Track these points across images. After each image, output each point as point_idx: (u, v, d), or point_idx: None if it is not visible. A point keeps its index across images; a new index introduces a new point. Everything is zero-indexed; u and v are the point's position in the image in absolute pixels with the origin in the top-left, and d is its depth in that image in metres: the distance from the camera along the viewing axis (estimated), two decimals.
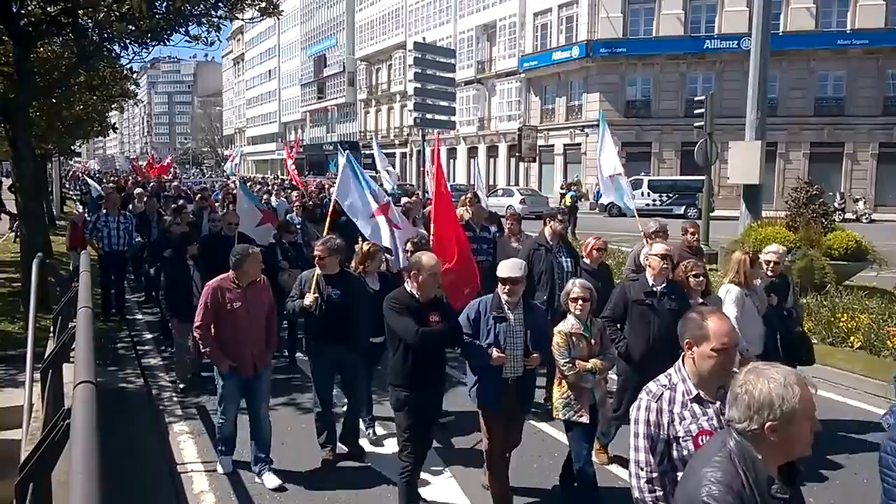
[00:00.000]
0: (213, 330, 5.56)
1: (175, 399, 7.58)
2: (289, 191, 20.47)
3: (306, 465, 5.93)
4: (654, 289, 5.58)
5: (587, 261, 6.99)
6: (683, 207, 31.78)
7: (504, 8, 44.75)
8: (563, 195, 25.70)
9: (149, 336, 10.26)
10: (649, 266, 5.64)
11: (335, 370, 6.01)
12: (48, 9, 10.00)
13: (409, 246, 6.78)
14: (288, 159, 19.50)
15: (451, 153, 51.52)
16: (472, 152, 49.26)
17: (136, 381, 8.02)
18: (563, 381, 4.92)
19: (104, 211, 11.11)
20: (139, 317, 11.55)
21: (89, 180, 23.67)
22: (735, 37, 34.81)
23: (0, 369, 7.65)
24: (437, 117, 21.57)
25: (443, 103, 21.70)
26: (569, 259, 7.08)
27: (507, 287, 4.77)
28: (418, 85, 21.30)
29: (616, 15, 38.02)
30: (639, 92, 39.14)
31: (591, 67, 39.05)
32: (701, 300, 5.60)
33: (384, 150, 58.65)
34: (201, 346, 5.62)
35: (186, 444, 6.38)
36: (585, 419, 4.85)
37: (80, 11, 9.77)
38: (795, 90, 36.07)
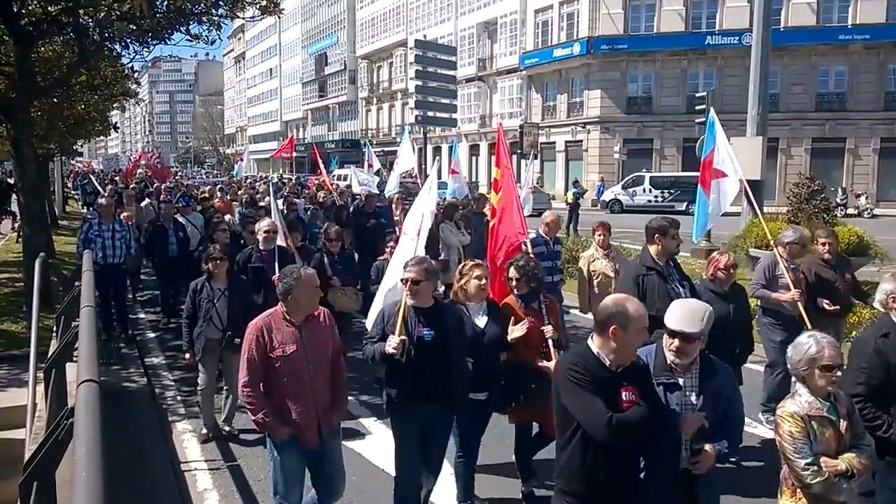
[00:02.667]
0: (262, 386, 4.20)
1: (178, 398, 7.59)
2: (305, 191, 19.83)
3: None
4: None
5: (710, 280, 5.71)
6: (685, 203, 31.74)
7: (505, 5, 44.66)
8: (576, 194, 25.10)
9: (152, 335, 10.28)
10: None
11: (422, 434, 4.58)
12: (49, 8, 9.99)
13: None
14: (319, 160, 18.66)
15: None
16: (474, 150, 49.27)
17: (140, 380, 8.03)
18: (800, 490, 3.34)
19: (96, 219, 9.90)
20: (141, 316, 11.56)
21: (94, 180, 22.77)
22: (736, 32, 34.80)
23: (3, 369, 7.67)
24: (438, 115, 21.59)
25: (444, 101, 21.72)
26: (684, 283, 5.49)
27: (678, 343, 3.39)
28: (419, 83, 21.29)
29: (617, 11, 37.95)
30: (640, 88, 39.07)
31: (592, 64, 38.98)
32: None
33: (385, 149, 58.68)
34: (251, 413, 4.18)
35: (190, 442, 6.40)
36: None
37: (81, 11, 9.76)
38: (796, 86, 36.00)
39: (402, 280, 4.56)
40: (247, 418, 6.00)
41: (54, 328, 7.21)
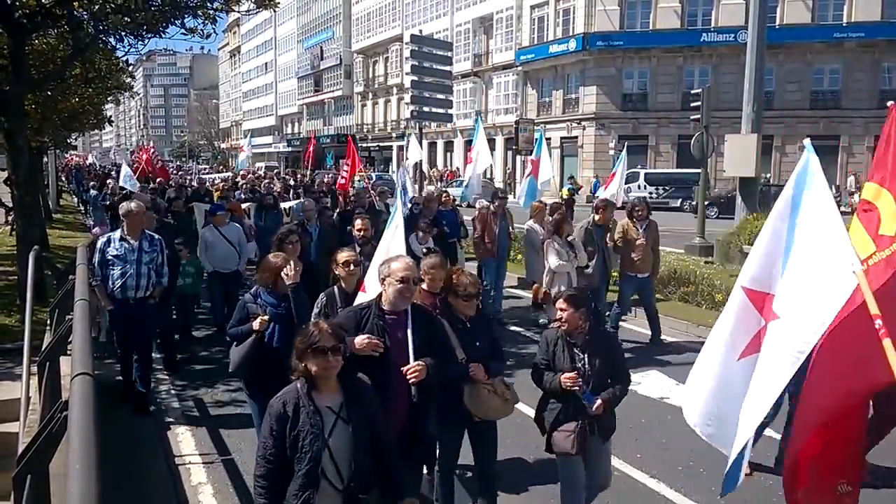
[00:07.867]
0: None
1: (173, 391, 7.60)
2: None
3: None
4: None
5: None
6: (679, 200, 31.86)
7: (501, 0, 44.59)
8: (571, 190, 25.13)
9: None
10: None
11: None
12: (43, 0, 9.95)
13: None
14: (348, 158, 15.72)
15: (448, 146, 51.50)
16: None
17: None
18: None
19: (118, 234, 6.82)
20: None
21: (125, 171, 17.90)
22: (732, 30, 34.88)
23: None
24: (434, 110, 21.58)
25: (440, 96, 21.68)
26: None
27: None
28: (415, 78, 21.23)
29: (613, 7, 37.95)
30: (635, 85, 39.09)
31: (587, 60, 38.97)
32: None
33: (380, 144, 58.37)
34: None
35: (184, 436, 6.40)
36: None
37: (76, 3, 9.71)
38: (791, 83, 36.10)
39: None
40: (235, 396, 5.98)
41: (48, 321, 7.20)
